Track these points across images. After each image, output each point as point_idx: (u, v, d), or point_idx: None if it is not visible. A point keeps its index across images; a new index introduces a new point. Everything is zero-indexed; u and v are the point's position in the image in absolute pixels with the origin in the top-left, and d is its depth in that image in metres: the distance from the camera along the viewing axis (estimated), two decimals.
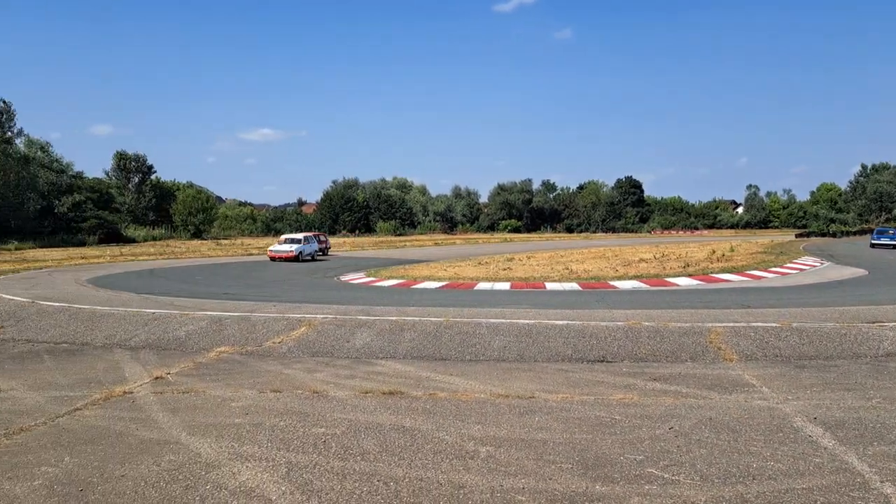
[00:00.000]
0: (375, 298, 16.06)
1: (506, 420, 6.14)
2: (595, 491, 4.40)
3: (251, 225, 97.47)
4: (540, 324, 10.72)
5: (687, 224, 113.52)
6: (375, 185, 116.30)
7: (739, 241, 58.02)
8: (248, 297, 16.27)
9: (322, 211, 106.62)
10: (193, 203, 77.43)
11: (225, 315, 12.07)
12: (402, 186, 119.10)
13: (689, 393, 7.11)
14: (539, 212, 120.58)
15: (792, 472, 4.67)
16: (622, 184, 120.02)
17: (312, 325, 10.94)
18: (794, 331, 9.94)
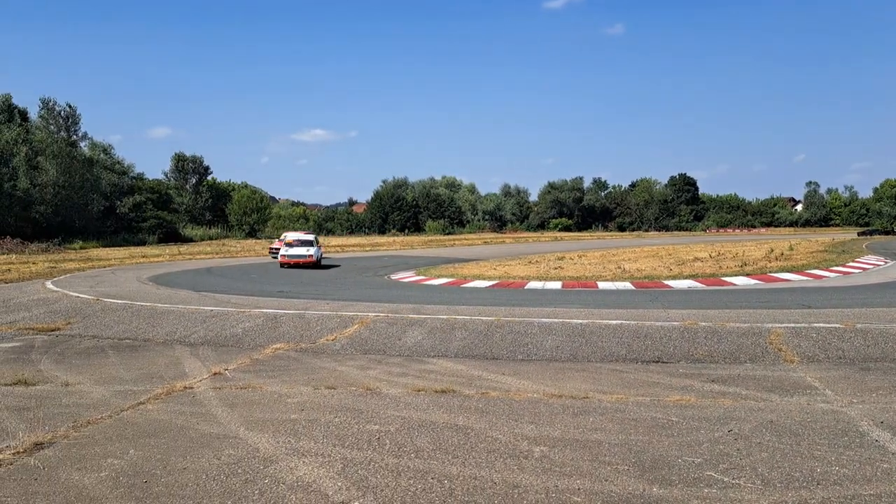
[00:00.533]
0: (426, 297, 16.14)
1: (559, 420, 6.09)
2: (652, 493, 4.33)
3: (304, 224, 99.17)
4: (593, 323, 10.61)
5: (743, 222, 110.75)
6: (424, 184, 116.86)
7: (799, 239, 56.27)
8: (301, 294, 16.56)
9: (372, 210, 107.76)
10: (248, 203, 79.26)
11: (280, 312, 12.31)
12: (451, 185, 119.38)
13: (748, 395, 6.93)
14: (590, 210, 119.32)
15: (858, 478, 4.51)
16: (675, 181, 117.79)
17: (365, 322, 11.07)
18: (859, 332, 9.59)
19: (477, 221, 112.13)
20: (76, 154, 58.59)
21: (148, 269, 27.69)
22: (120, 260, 34.37)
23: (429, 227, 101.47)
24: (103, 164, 64.37)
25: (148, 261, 34.57)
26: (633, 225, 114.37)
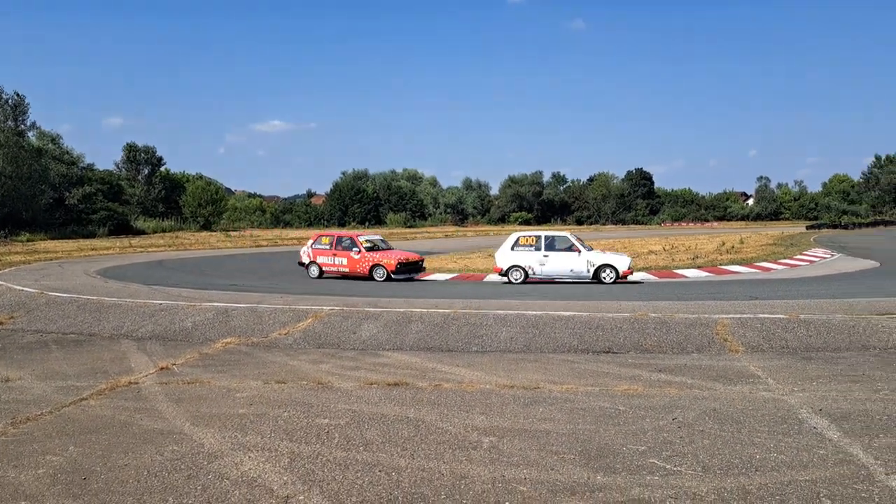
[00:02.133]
0: (384, 290, 16.08)
1: (510, 410, 6.13)
2: (596, 481, 4.39)
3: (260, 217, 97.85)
4: (547, 315, 10.71)
5: (697, 216, 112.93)
6: (385, 176, 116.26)
7: (749, 232, 57.70)
8: (255, 288, 16.34)
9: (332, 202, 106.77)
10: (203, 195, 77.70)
11: (232, 306, 12.13)
12: (412, 178, 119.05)
13: (693, 384, 7.08)
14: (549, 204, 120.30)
15: (795, 464, 4.64)
16: (632, 175, 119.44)
17: (319, 316, 10.98)
18: (802, 322, 9.87)
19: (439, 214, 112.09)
20: (24, 144, 56.67)
21: (97, 262, 26.99)
22: (68, 252, 33.42)
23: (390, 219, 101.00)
24: (52, 154, 62.37)
25: (98, 253, 33.70)
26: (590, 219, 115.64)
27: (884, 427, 5.46)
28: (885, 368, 7.67)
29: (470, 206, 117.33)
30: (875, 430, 5.37)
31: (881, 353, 8.55)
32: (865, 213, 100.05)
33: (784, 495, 4.11)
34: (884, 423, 5.56)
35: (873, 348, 8.83)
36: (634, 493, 4.19)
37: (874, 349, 8.79)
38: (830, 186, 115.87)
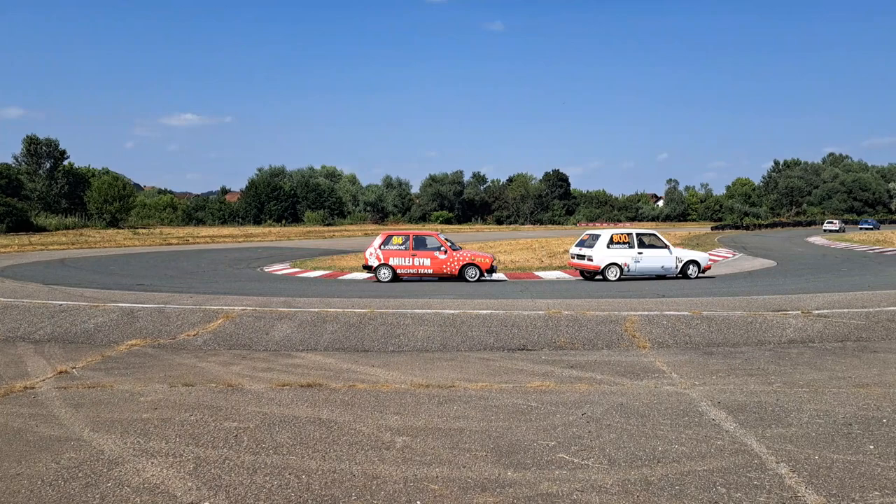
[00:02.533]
0: (299, 290, 15.82)
1: (424, 410, 6.14)
2: (507, 477, 4.46)
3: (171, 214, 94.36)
4: (464, 313, 10.79)
5: (611, 217, 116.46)
6: (303, 173, 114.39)
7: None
8: (163, 288, 15.73)
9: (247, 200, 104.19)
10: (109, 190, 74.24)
11: (137, 307, 11.63)
12: (331, 175, 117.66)
13: (602, 379, 7.29)
14: (470, 203, 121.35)
15: (694, 455, 4.86)
16: (550, 177, 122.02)
17: (230, 316, 10.67)
18: (704, 319, 10.34)
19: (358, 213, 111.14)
20: None
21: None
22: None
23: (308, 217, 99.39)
24: None
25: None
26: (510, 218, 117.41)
27: (775, 418, 5.78)
28: (778, 362, 8.13)
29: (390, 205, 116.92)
30: (767, 421, 5.68)
31: (775, 348, 9.05)
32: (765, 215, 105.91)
33: (683, 485, 4.29)
34: (775, 414, 5.89)
35: (768, 343, 9.34)
36: (543, 488, 4.28)
37: (769, 344, 9.30)
38: (733, 189, 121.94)
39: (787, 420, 5.72)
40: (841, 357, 8.40)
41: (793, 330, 9.86)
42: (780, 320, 10.30)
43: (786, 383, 7.07)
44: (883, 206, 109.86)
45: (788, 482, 4.31)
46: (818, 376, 7.38)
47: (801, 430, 5.44)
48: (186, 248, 38.87)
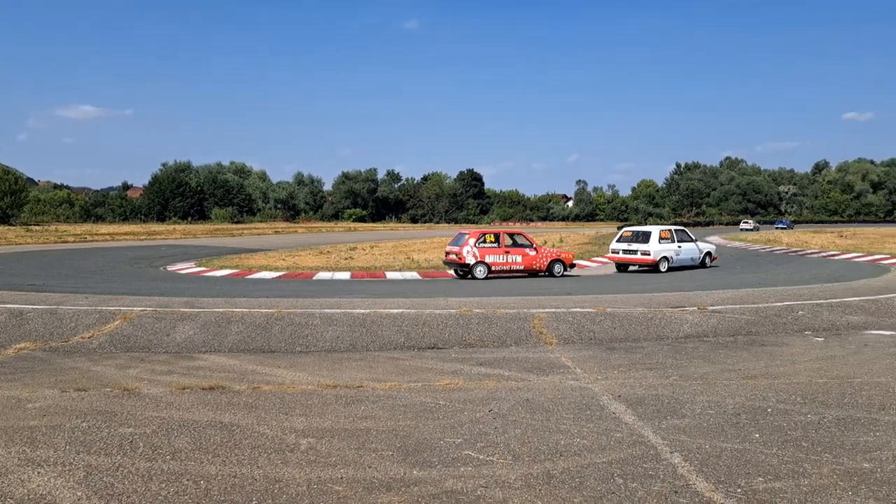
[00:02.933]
0: (204, 289, 15.30)
1: (331, 411, 6.06)
2: (412, 476, 4.45)
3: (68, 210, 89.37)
4: (375, 313, 10.72)
5: (523, 216, 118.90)
6: (211, 169, 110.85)
7: (569, 232, 61.75)
8: (57, 288, 14.86)
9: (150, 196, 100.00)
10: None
11: (28, 308, 10.93)
12: (240, 171, 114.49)
13: (510, 376, 7.41)
14: (384, 201, 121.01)
15: (594, 448, 5.00)
16: (464, 176, 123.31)
17: (128, 317, 10.19)
18: (608, 315, 10.69)
19: (268, 210, 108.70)
20: None
21: None
22: None
23: (215, 214, 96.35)
24: None
25: None
26: (424, 217, 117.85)
27: (671, 410, 6.04)
28: (675, 356, 8.50)
29: (302, 202, 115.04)
30: (664, 413, 5.92)
31: (673, 343, 9.46)
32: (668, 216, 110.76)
33: (583, 477, 4.41)
34: (671, 406, 6.15)
35: (667, 338, 9.75)
36: (448, 485, 4.30)
37: (668, 339, 9.71)
38: (639, 191, 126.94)
39: (681, 412, 5.98)
40: (732, 350, 8.87)
41: (689, 325, 10.33)
42: (678, 316, 10.78)
43: (682, 376, 7.40)
44: (773, 208, 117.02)
45: (681, 471, 4.50)
46: (711, 369, 7.76)
47: (693, 420, 5.70)
48: (84, 246, 36.92)
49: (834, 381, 7.10)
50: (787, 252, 31.48)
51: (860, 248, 31.52)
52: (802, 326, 10.52)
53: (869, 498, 4.04)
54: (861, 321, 10.90)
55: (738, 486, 4.23)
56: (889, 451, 4.89)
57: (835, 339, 9.55)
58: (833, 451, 4.87)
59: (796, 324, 10.66)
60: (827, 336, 9.83)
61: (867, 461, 4.67)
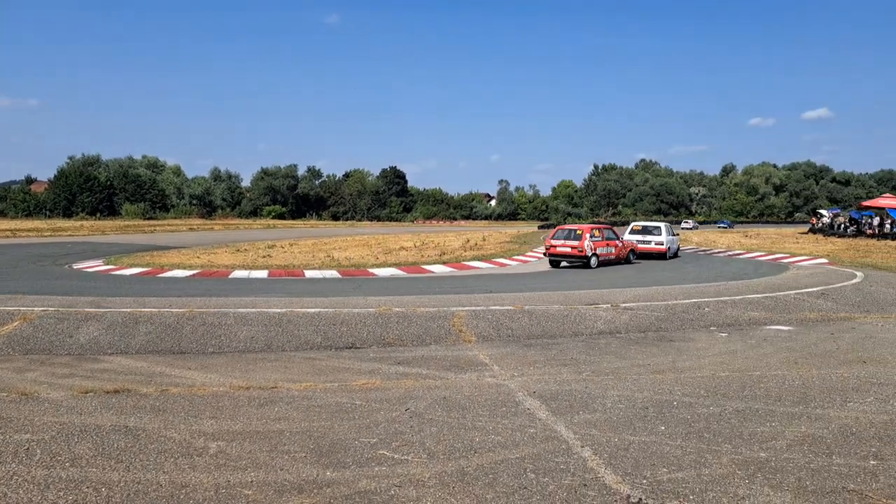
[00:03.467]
0: (112, 289, 14.65)
1: (243, 413, 5.91)
2: (326, 477, 4.40)
3: None
4: (291, 312, 10.52)
5: (447, 215, 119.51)
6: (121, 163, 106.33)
7: (491, 231, 62.45)
8: None
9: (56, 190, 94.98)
10: None
11: None
12: (152, 166, 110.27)
13: (428, 374, 7.43)
14: (304, 198, 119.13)
15: (509, 444, 5.07)
16: (387, 173, 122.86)
17: (28, 318, 9.64)
18: (526, 313, 10.88)
19: (183, 206, 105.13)
20: None
21: None
22: None
23: (126, 210, 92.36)
24: None
25: None
26: (346, 214, 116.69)
27: (583, 404, 6.19)
28: (589, 352, 8.73)
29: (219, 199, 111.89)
30: (576, 408, 6.07)
31: (587, 339, 9.71)
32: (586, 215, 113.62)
33: (496, 473, 4.46)
34: (583, 401, 6.31)
35: (582, 335, 10.00)
36: (362, 486, 4.27)
37: (582, 335, 9.96)
38: (558, 191, 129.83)
39: (592, 406, 6.14)
40: (643, 346, 9.18)
41: (603, 322, 10.64)
42: (592, 313, 11.08)
43: (594, 371, 7.60)
44: (685, 209, 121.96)
45: (591, 464, 4.62)
46: (622, 364, 8.01)
47: (604, 415, 5.87)
48: None
49: (735, 374, 7.45)
50: (696, 251, 32.85)
51: (763, 247, 33.24)
52: (708, 322, 11.01)
53: (764, 485, 4.26)
54: (761, 317, 11.50)
55: (644, 478, 4.38)
56: (783, 440, 5.17)
57: (737, 335, 10.03)
58: (732, 442, 5.12)
59: (702, 320, 11.15)
60: (730, 331, 10.32)
61: (763, 450, 4.93)
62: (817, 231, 48.13)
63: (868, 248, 29.50)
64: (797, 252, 28.88)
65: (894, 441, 5.13)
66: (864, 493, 4.15)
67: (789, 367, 7.78)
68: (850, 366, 7.87)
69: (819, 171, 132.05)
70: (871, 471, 4.51)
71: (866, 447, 4.99)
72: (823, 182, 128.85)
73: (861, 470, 4.52)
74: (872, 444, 5.05)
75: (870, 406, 6.14)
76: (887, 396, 6.47)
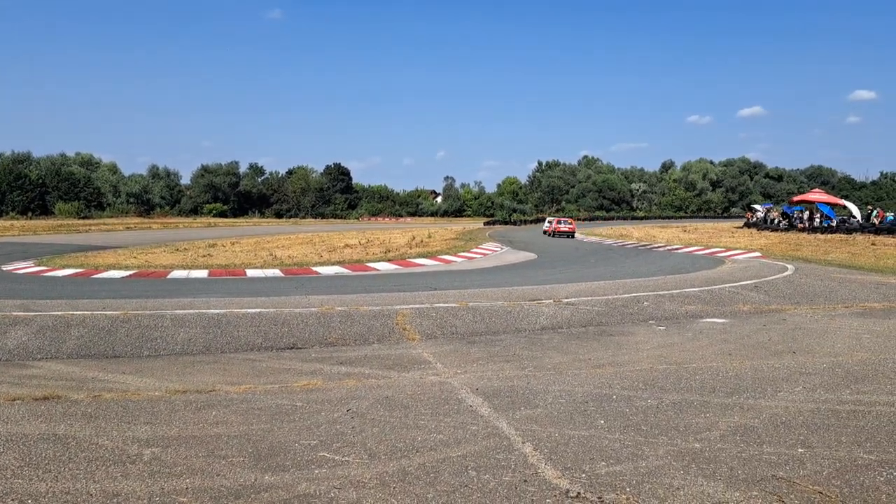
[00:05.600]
0: (42, 291, 14.09)
1: (179, 417, 5.75)
2: (264, 481, 4.32)
3: None
4: (231, 313, 10.32)
5: (392, 211, 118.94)
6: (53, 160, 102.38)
7: (437, 228, 62.49)
8: None
9: None
10: None
11: None
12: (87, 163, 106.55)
13: (371, 374, 7.38)
14: (247, 196, 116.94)
15: (451, 442, 5.08)
16: (331, 170, 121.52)
17: None
18: (470, 310, 10.92)
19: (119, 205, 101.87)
20: None
21: None
22: None
23: (59, 209, 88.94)
24: None
25: None
26: (290, 212, 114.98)
27: (525, 400, 6.25)
28: (531, 348, 8.81)
29: (157, 196, 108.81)
30: (518, 404, 6.12)
31: (530, 335, 9.80)
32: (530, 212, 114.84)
33: (438, 472, 4.46)
34: (525, 397, 6.36)
35: (524, 331, 10.09)
36: (301, 489, 4.20)
37: (525, 332, 10.05)
38: (504, 187, 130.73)
39: (534, 402, 6.20)
40: (584, 341, 9.32)
41: (545, 317, 10.76)
42: (535, 309, 11.20)
43: (536, 367, 7.68)
44: (626, 204, 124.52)
45: (531, 460, 4.67)
46: (564, 359, 8.12)
47: (545, 410, 5.93)
48: None
49: (672, 366, 7.64)
50: (637, 246, 33.61)
51: (700, 241, 34.25)
52: (647, 316, 11.26)
53: (698, 475, 4.38)
54: (698, 310, 11.83)
55: (583, 472, 4.44)
56: (717, 430, 5.33)
57: (675, 328, 10.29)
58: (669, 434, 5.24)
59: (641, 314, 11.40)
60: (668, 325, 10.58)
61: (698, 441, 5.06)
62: (752, 225, 49.83)
63: (799, 242, 30.69)
64: (733, 246, 29.84)
65: (820, 430, 5.34)
66: (792, 480, 4.30)
67: (723, 360, 8.02)
68: (780, 357, 8.17)
69: (753, 167, 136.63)
70: (799, 458, 4.68)
71: (795, 436, 5.18)
72: (757, 178, 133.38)
73: (790, 458, 4.69)
74: (801, 433, 5.24)
75: (798, 395, 6.38)
76: (814, 386, 6.73)
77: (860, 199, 77.23)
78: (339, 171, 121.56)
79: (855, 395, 6.40)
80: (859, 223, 38.29)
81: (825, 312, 11.64)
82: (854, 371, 7.37)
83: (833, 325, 10.36)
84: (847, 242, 29.42)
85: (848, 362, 7.80)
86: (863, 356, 8.14)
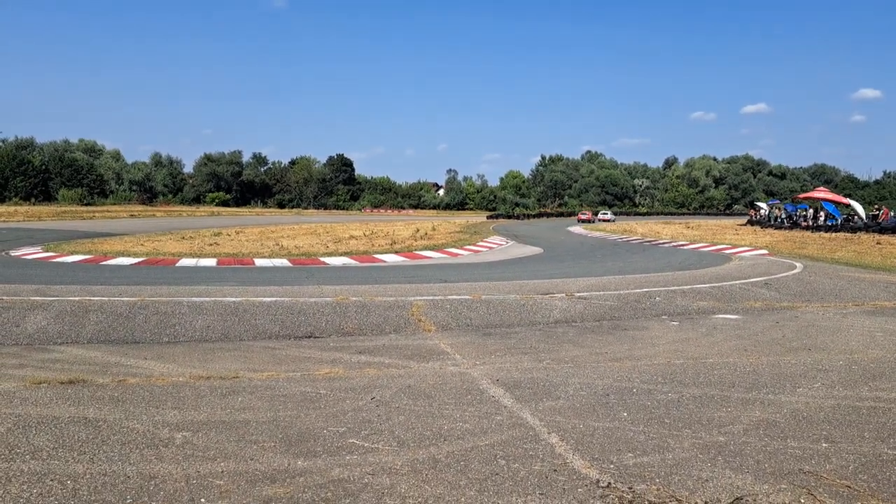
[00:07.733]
0: (55, 276, 14.14)
1: (206, 403, 5.81)
2: (297, 466, 4.38)
3: None
4: (247, 301, 10.38)
5: (395, 203, 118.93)
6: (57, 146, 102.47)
7: (440, 220, 62.50)
8: None
9: None
10: None
11: None
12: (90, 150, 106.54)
13: (391, 363, 7.44)
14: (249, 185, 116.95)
15: (477, 431, 5.14)
16: (334, 161, 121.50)
17: None
18: (483, 302, 10.97)
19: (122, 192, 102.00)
20: None
21: None
22: None
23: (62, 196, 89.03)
24: None
25: None
26: (292, 202, 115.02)
27: (546, 392, 6.31)
28: (547, 341, 8.87)
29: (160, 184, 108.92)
30: (539, 395, 6.17)
31: (545, 328, 9.86)
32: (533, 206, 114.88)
33: (468, 460, 4.52)
34: (546, 389, 6.42)
35: (539, 324, 10.14)
36: (334, 474, 4.26)
37: (539, 325, 10.11)
38: (506, 181, 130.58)
39: (555, 393, 6.26)
40: (598, 335, 9.38)
41: (558, 311, 10.81)
42: (548, 302, 11.25)
43: (554, 360, 7.74)
44: (629, 200, 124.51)
45: (559, 450, 4.72)
46: (580, 352, 8.18)
47: (567, 402, 5.99)
48: None
49: (690, 361, 7.70)
50: (641, 242, 33.64)
51: (704, 238, 34.26)
52: (659, 311, 11.30)
53: (725, 468, 4.43)
54: (710, 306, 11.88)
55: (611, 463, 4.50)
56: (740, 424, 5.38)
57: (688, 323, 10.34)
58: (692, 427, 5.30)
59: (654, 309, 11.44)
60: (681, 320, 10.63)
61: (722, 435, 5.12)
62: (755, 223, 49.86)
63: (804, 240, 30.72)
64: (738, 243, 29.86)
65: (843, 425, 5.39)
66: (818, 474, 4.36)
67: (740, 355, 8.07)
68: (796, 353, 8.22)
69: (756, 165, 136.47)
70: (824, 453, 4.74)
71: (817, 431, 5.23)
72: (761, 175, 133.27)
73: (815, 452, 4.75)
74: (823, 428, 5.30)
75: (818, 391, 6.43)
76: (833, 383, 6.78)
77: (863, 198, 77.19)
78: (341, 162, 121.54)
79: (873, 392, 6.46)
80: (863, 222, 38.29)
81: (837, 310, 11.68)
82: (870, 368, 7.42)
83: (846, 322, 10.41)
84: (852, 241, 29.44)
85: (863, 359, 7.85)
86: (878, 354, 8.19)
